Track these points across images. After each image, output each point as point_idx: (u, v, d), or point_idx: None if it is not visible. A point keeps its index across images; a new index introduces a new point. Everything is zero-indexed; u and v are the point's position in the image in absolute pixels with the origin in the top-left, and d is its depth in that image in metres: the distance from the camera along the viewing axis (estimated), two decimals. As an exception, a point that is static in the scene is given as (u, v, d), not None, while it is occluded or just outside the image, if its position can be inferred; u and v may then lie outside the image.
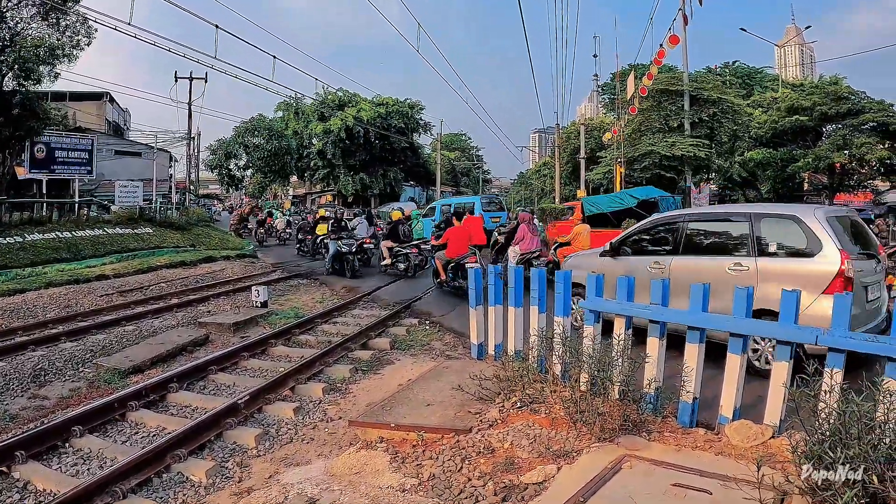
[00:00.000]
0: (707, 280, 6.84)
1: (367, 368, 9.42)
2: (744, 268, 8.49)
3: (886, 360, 4.64)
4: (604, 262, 10.41)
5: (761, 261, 8.37)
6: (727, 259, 8.78)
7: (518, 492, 4.76)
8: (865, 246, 8.57)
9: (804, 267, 7.99)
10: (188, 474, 5.89)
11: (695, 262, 9.21)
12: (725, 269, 8.62)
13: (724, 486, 4.36)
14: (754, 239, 8.61)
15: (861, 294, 7.84)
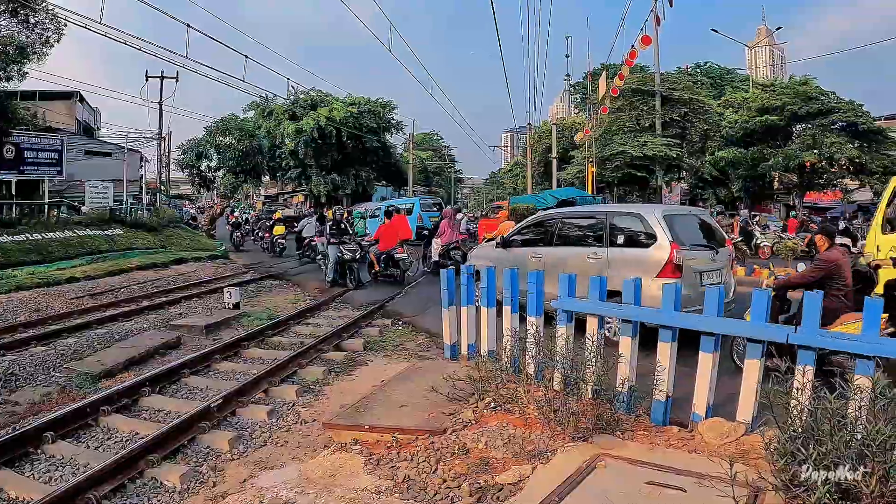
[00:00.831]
0: (572, 267, 9.49)
1: (341, 370, 9.39)
2: (599, 257, 10.22)
3: (857, 358, 4.72)
4: (498, 253, 12.24)
5: (612, 251, 10.11)
6: (587, 249, 10.52)
7: (493, 492, 4.77)
8: (704, 239, 10.27)
9: (643, 255, 9.63)
10: (162, 479, 5.83)
11: (563, 252, 10.97)
12: (585, 258, 10.36)
13: (698, 484, 4.41)
14: (608, 233, 10.32)
15: (694, 279, 9.46)
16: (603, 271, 9.62)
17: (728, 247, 11.02)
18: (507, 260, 11.58)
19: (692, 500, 4.21)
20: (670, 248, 9.25)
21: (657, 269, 9.27)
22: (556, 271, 8.20)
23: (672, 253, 9.22)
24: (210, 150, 60.38)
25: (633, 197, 40.69)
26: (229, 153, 59.19)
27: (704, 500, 4.09)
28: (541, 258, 11.22)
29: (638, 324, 6.27)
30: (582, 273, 8.52)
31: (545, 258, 11.14)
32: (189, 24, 19.09)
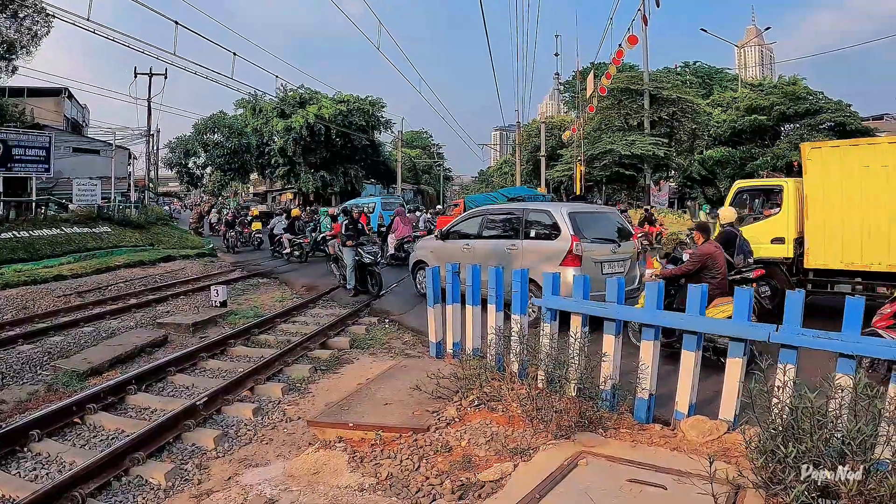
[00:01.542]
0: (495, 256, 11.73)
1: (327, 368, 9.41)
2: (516, 247, 11.90)
3: (838, 356, 4.77)
4: (437, 245, 14.09)
5: (526, 242, 11.82)
6: (507, 241, 12.17)
7: (475, 490, 4.81)
8: (606, 234, 11.88)
9: (550, 246, 11.28)
10: (147, 477, 5.83)
11: (488, 243, 12.63)
12: (505, 249, 12.01)
13: (679, 482, 4.45)
14: (523, 227, 12.00)
15: (594, 267, 11.01)
16: (518, 260, 11.51)
17: (634, 241, 12.57)
18: (444, 250, 13.67)
19: (673, 497, 4.25)
20: (571, 241, 10.94)
21: (560, 258, 10.95)
22: (483, 260, 11.04)
23: (572, 244, 10.90)
24: (198, 147, 60.24)
25: (622, 195, 40.88)
26: (218, 151, 59.06)
27: (685, 498, 4.13)
28: (471, 248, 12.96)
29: (621, 322, 6.32)
30: (502, 262, 10.99)
31: (474, 248, 12.89)
32: (177, 21, 19.07)
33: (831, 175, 11.58)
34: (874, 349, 4.65)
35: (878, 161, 11.10)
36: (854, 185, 11.26)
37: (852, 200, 11.25)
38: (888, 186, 10.83)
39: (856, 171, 11.28)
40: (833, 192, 11.50)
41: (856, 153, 11.57)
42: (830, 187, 11.57)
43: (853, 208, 11.22)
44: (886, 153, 11.09)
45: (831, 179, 11.58)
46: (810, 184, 11.86)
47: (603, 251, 11.38)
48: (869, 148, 11.66)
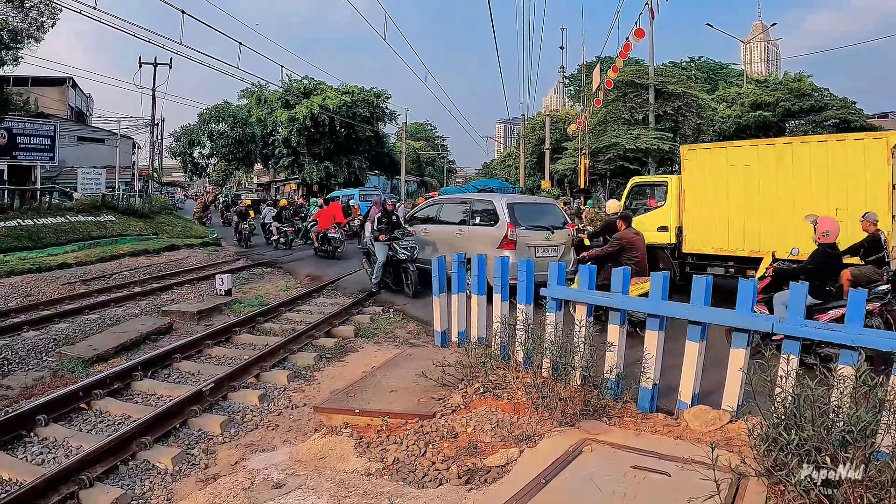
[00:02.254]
0: (447, 239, 13.56)
1: (332, 356, 9.47)
2: (463, 233, 13.49)
3: (840, 347, 4.81)
4: (419, 227, 15.04)
5: (472, 228, 13.40)
6: (457, 227, 13.80)
7: (481, 474, 4.87)
8: (542, 222, 13.14)
9: (490, 232, 12.71)
10: (154, 461, 5.88)
11: (443, 228, 14.24)
12: (455, 233, 13.68)
13: (682, 469, 4.50)
14: (470, 215, 13.63)
15: (528, 251, 12.31)
16: (465, 243, 12.97)
17: (569, 228, 13.86)
18: (423, 234, 14.95)
19: (676, 484, 4.30)
20: (507, 227, 12.33)
21: (498, 243, 12.35)
22: (437, 243, 13.82)
23: (508, 231, 12.30)
24: (203, 137, 60.27)
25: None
26: (222, 140, 59.09)
27: (688, 484, 4.16)
28: (428, 233, 14.63)
29: (625, 312, 6.36)
30: (453, 245, 13.02)
31: (431, 232, 14.57)
32: (184, 10, 19.07)
33: (704, 173, 13.42)
34: (874, 340, 4.68)
35: (741, 161, 12.92)
36: (721, 181, 13.06)
37: (719, 195, 13.03)
38: (749, 183, 12.61)
39: (723, 170, 13.10)
40: (705, 188, 13.31)
41: (723, 154, 13.45)
42: (703, 183, 13.39)
43: (720, 201, 12.99)
44: (749, 154, 12.95)
45: (704, 177, 13.40)
46: (687, 180, 13.74)
47: (537, 237, 12.75)
48: (734, 149, 13.54)
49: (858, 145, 11.61)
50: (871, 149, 11.31)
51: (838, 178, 11.54)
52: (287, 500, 4.57)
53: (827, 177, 11.72)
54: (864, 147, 11.47)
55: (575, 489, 4.34)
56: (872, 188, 11.07)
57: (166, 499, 5.23)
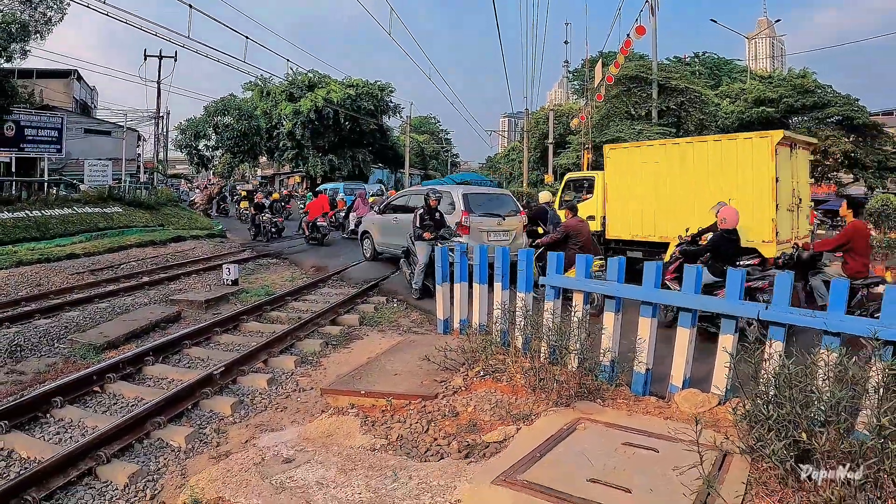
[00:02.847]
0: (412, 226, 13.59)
1: (337, 343, 9.72)
2: None
3: (822, 333, 5.05)
4: (376, 218, 17.60)
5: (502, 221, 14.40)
6: None
7: (480, 449, 5.13)
8: (492, 210, 14.55)
9: (450, 218, 13.65)
10: (168, 440, 6.16)
11: (409, 216, 14.39)
12: None
13: (671, 446, 4.74)
14: None
15: (480, 235, 13.86)
16: None
17: (521, 216, 15.13)
18: (380, 222, 17.33)
19: (663, 459, 4.54)
20: (461, 214, 13.91)
21: (455, 227, 13.45)
22: (406, 228, 14.13)
23: (462, 217, 13.85)
24: (208, 129, 60.41)
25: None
26: (228, 133, 59.22)
27: (675, 459, 4.40)
28: (397, 220, 16.12)
29: (621, 300, 6.61)
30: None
31: (399, 220, 15.90)
32: (191, 4, 19.27)
33: (622, 169, 15.23)
34: (853, 326, 4.91)
35: (651, 159, 14.59)
36: (637, 176, 14.72)
37: (635, 188, 14.67)
38: (658, 178, 14.17)
39: (638, 167, 14.79)
40: (623, 182, 15.07)
41: (638, 153, 15.26)
42: (621, 178, 15.18)
43: (635, 194, 14.61)
44: (658, 153, 14.62)
45: (622, 173, 15.20)
46: (608, 176, 15.71)
47: (490, 223, 14.25)
48: (646, 149, 15.30)
49: (748, 143, 12.89)
50: (757, 146, 12.57)
51: (731, 172, 12.86)
52: (297, 473, 4.83)
53: (722, 171, 13.03)
54: (752, 145, 12.73)
55: (568, 462, 4.59)
56: (759, 181, 12.38)
57: (180, 474, 5.49)
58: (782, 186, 12.49)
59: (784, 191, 12.61)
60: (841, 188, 42.35)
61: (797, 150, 13.44)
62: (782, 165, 12.48)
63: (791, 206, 13.00)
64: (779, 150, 12.35)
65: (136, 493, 5.20)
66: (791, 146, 13.12)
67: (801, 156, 13.71)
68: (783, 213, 12.58)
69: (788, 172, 12.91)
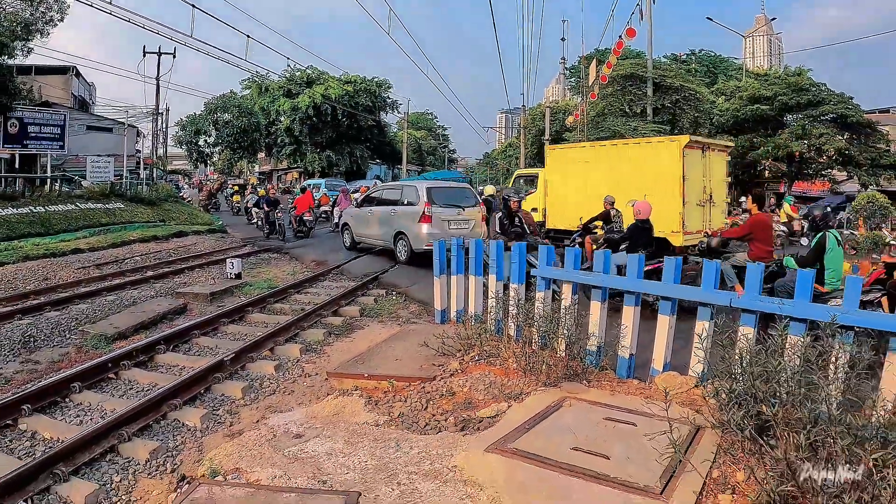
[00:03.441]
0: (385, 216, 16.99)
1: (340, 332, 10.16)
2: (396, 211, 16.75)
3: (789, 319, 5.49)
4: (355, 211, 19.47)
5: (402, 208, 16.62)
6: (392, 207, 17.04)
7: (474, 423, 5.62)
8: (453, 202, 16.27)
9: (414, 210, 15.97)
10: (184, 420, 6.60)
11: (383, 208, 17.50)
12: (391, 213, 16.98)
13: (648, 422, 5.20)
14: (401, 197, 17.00)
15: (442, 225, 15.56)
16: (398, 221, 16.58)
17: (480, 207, 16.84)
18: (357, 214, 19.13)
19: (640, 431, 5.00)
20: (424, 205, 15.61)
21: (418, 217, 15.69)
22: (378, 220, 17.53)
23: (425, 208, 15.58)
24: (209, 126, 60.74)
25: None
26: (227, 130, 59.57)
27: (650, 432, 4.84)
28: (372, 213, 18.10)
29: (606, 289, 7.06)
30: (389, 220, 16.92)
31: (374, 213, 17.99)
32: (194, 4, 19.64)
33: (559, 167, 17.76)
34: (817, 313, 5.34)
35: (583, 158, 17.10)
36: (570, 173, 17.12)
37: (569, 183, 16.88)
38: (587, 175, 16.44)
39: (571, 165, 17.29)
40: (559, 178, 17.48)
41: (572, 152, 18.14)
42: (558, 175, 17.61)
43: (569, 188, 16.71)
44: (588, 153, 17.30)
45: (559, 170, 17.69)
46: (548, 173, 18.34)
47: (450, 214, 15.94)
48: (579, 149, 18.31)
49: (661, 146, 15.12)
50: (669, 149, 14.59)
51: (648, 171, 14.88)
52: (307, 446, 5.28)
53: (640, 170, 15.07)
54: (665, 148, 14.84)
55: (553, 434, 5.08)
56: (669, 179, 14.29)
57: (197, 450, 5.93)
58: (691, 184, 14.37)
59: (693, 188, 14.51)
60: (835, 185, 42.77)
61: (710, 153, 15.43)
62: (691, 166, 14.42)
63: (702, 202, 14.94)
64: (687, 152, 14.31)
65: (157, 467, 5.63)
66: (703, 149, 15.20)
67: (716, 158, 15.69)
68: (692, 208, 14.50)
69: (699, 172, 14.90)
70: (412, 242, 15.88)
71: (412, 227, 15.87)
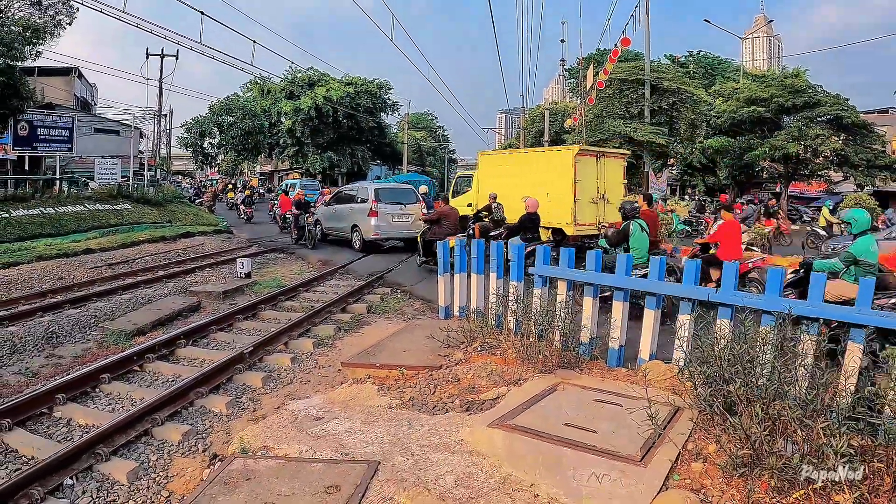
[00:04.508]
0: (344, 212, 21.52)
1: (349, 328, 10.75)
2: (353, 209, 20.74)
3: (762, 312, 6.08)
4: (324, 208, 23.85)
5: (356, 205, 20.66)
6: (350, 205, 21.18)
7: (477, 405, 6.25)
8: (397, 200, 20.25)
9: (364, 206, 19.93)
10: (210, 407, 7.18)
11: (344, 206, 21.63)
12: (348, 209, 21.20)
13: (633, 403, 5.80)
14: (357, 196, 21.05)
15: (388, 219, 19.65)
16: (353, 215, 20.69)
17: (420, 204, 20.62)
18: (326, 211, 23.38)
19: (626, 411, 5.61)
20: (372, 202, 19.61)
21: (367, 212, 19.71)
22: (340, 215, 21.62)
23: (372, 205, 19.56)
24: (213, 128, 61.23)
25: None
26: (232, 132, 60.03)
27: (635, 412, 5.44)
28: (335, 210, 22.36)
29: (598, 286, 7.66)
30: (347, 215, 21.02)
31: (337, 210, 22.19)
32: (203, 11, 20.16)
33: (487, 170, 20.46)
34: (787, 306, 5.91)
35: (505, 163, 20.09)
36: (494, 175, 19.59)
37: (494, 184, 18.53)
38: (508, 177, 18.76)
39: (497, 168, 20.10)
40: (488, 179, 19.75)
41: (497, 158, 21.87)
42: (487, 177, 20.06)
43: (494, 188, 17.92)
44: (509, 159, 20.72)
45: (487, 172, 20.32)
46: (480, 175, 20.98)
47: (394, 209, 19.93)
48: (502, 156, 22.81)
49: (559, 154, 17.88)
50: (564, 156, 17.23)
51: (551, 174, 17.32)
52: (328, 426, 5.88)
53: (546, 173, 17.57)
54: (561, 155, 17.51)
55: (548, 412, 5.73)
56: (565, 181, 16.71)
57: (225, 432, 6.50)
58: (583, 185, 16.87)
59: (586, 189, 17.01)
60: (831, 185, 43.25)
61: (605, 160, 18.05)
62: (584, 171, 16.92)
63: (595, 200, 17.38)
64: (579, 159, 16.89)
65: (189, 448, 6.19)
66: (598, 156, 17.94)
67: (611, 163, 18.20)
68: (584, 204, 16.95)
69: (593, 176, 17.40)
70: (363, 233, 20.12)
71: (363, 221, 19.94)
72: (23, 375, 8.36)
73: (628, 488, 4.40)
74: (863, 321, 5.40)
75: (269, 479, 4.83)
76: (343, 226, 21.46)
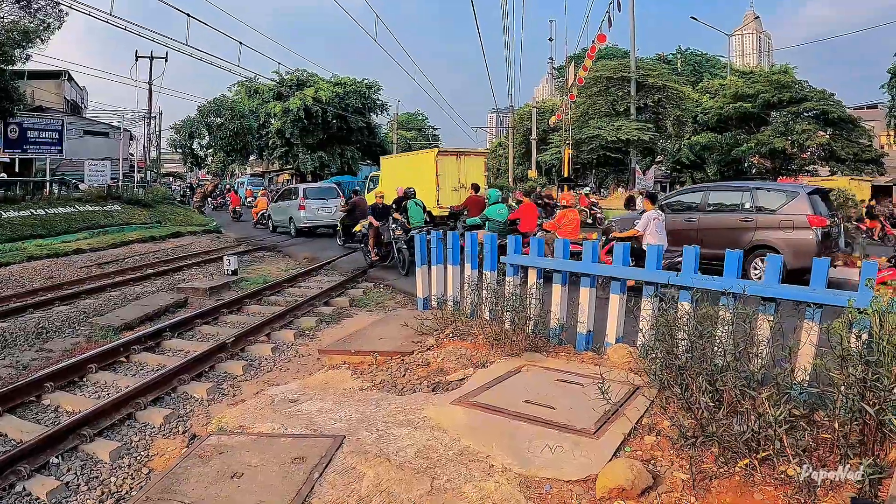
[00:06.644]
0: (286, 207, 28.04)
1: (330, 320, 11.02)
2: (291, 204, 27.02)
3: (679, 289, 6.44)
4: (273, 204, 29.96)
5: (292, 201, 27.19)
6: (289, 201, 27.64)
7: (444, 385, 6.52)
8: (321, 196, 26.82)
9: (297, 201, 26.38)
10: (192, 393, 7.43)
11: (287, 202, 27.82)
12: (286, 204, 27.69)
13: (594, 382, 6.06)
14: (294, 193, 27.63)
15: (314, 211, 26.17)
16: (290, 209, 26.98)
17: (339, 199, 26.10)
18: (274, 206, 29.37)
19: (586, 391, 5.84)
20: (301, 198, 26.00)
21: (297, 206, 26.08)
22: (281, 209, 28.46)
23: (301, 200, 25.95)
24: (202, 129, 61.27)
25: (609, 179, 42.27)
26: (221, 133, 60.08)
27: (595, 391, 5.67)
28: (280, 205, 28.31)
29: (567, 273, 7.92)
30: (288, 210, 27.47)
31: (280, 205, 28.28)
32: (189, 13, 20.36)
33: (387, 170, 27.43)
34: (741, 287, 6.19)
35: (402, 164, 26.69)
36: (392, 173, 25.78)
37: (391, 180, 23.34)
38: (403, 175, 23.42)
39: (392, 168, 27.25)
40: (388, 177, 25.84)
41: (394, 160, 29.02)
42: (387, 175, 26.62)
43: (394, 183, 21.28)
44: (403, 160, 27.70)
45: (387, 172, 27.07)
46: (383, 175, 27.64)
47: (318, 204, 26.17)
48: (396, 158, 30.66)
49: (426, 155, 24.48)
50: (428, 157, 23.58)
51: (423, 171, 22.98)
52: (301, 407, 6.15)
53: (420, 170, 23.14)
54: (427, 156, 23.90)
55: (510, 391, 6.00)
56: (429, 177, 22.64)
57: (205, 415, 6.75)
58: (444, 179, 22.96)
59: (447, 181, 23.04)
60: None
61: (465, 158, 24.16)
62: (445, 168, 23.04)
63: (456, 189, 22.89)
64: (440, 158, 23.10)
65: (170, 430, 6.46)
66: (458, 155, 24.04)
67: (472, 161, 24.37)
68: (446, 192, 22.80)
69: (454, 171, 23.39)
70: (296, 222, 26.54)
71: (296, 213, 26.41)
72: (13, 368, 8.54)
73: (579, 458, 4.67)
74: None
75: (240, 452, 5.11)
76: (283, 218, 28.06)
